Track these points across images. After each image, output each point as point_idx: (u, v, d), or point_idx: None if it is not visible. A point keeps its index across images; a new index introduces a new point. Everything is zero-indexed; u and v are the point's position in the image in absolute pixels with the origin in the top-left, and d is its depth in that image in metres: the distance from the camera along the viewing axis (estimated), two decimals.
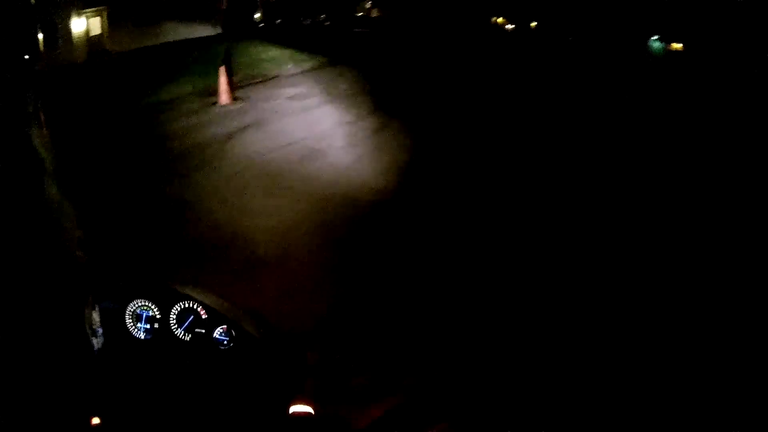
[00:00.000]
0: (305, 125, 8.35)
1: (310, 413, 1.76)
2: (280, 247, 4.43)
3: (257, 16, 19.47)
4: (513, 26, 20.35)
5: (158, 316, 2.02)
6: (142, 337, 2.04)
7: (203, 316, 1.99)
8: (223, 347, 1.99)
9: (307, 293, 3.74)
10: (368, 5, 24.05)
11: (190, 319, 2.00)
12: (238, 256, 4.29)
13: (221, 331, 1.98)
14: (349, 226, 4.83)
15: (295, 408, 1.76)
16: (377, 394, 2.25)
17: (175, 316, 2.01)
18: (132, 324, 2.04)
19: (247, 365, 1.95)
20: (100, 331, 1.89)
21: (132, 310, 2.02)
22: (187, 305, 2.00)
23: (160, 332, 2.02)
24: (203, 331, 2.00)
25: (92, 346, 1.84)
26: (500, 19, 20.71)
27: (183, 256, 4.24)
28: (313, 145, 7.34)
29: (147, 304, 2.01)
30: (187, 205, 5.34)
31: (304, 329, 2.89)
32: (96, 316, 1.87)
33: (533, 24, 19.41)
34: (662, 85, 11.55)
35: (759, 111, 8.80)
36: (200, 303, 1.99)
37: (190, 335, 2.01)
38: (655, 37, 15.71)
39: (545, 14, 18.83)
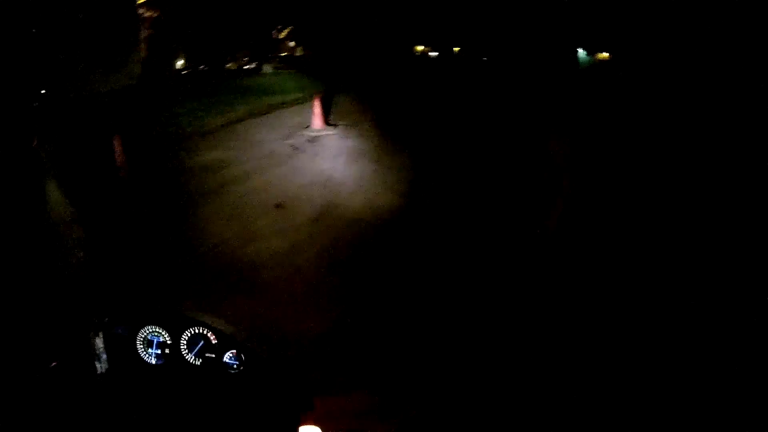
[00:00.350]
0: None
1: None
2: None
3: (180, 63, 19.14)
4: (436, 53, 21.37)
5: (169, 342, 2.04)
6: (154, 362, 2.05)
7: (213, 341, 2.02)
8: (233, 371, 2.02)
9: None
10: (292, 44, 24.12)
11: (201, 344, 2.03)
12: None
13: (231, 355, 2.02)
14: None
15: (305, 429, 1.81)
16: (384, 414, 2.30)
17: (185, 342, 2.03)
18: (143, 349, 2.05)
19: (257, 388, 1.98)
20: (104, 356, 1.90)
21: (143, 336, 2.04)
22: (197, 330, 2.02)
23: (171, 357, 2.04)
24: (213, 355, 2.02)
25: (95, 369, 1.88)
26: (422, 47, 21.67)
27: None
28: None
29: (158, 330, 2.03)
30: None
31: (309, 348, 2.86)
32: (99, 341, 1.88)
33: (456, 49, 20.45)
34: (593, 93, 12.13)
35: (689, 114, 9.11)
36: (210, 328, 2.02)
37: (200, 360, 2.03)
38: (581, 49, 16.91)
39: (468, 39, 19.76)
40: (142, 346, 2.05)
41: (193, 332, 2.02)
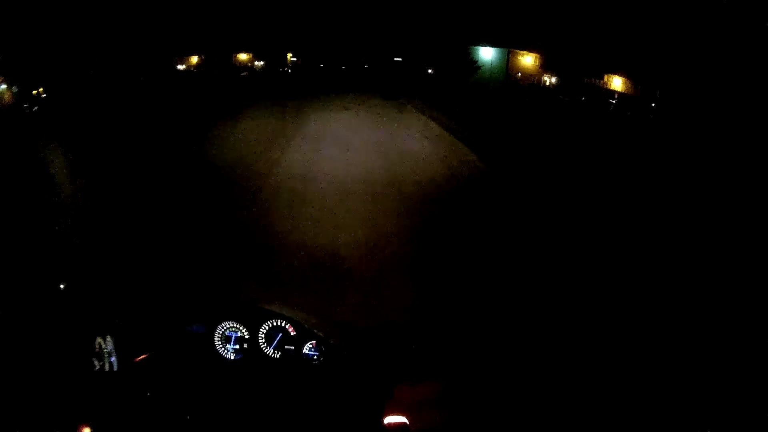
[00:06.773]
0: None
1: (405, 424, 1.73)
2: None
3: None
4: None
5: (247, 336, 1.99)
6: (232, 357, 2.00)
7: (292, 333, 1.98)
8: (313, 362, 1.98)
9: None
10: None
11: (279, 336, 1.99)
12: None
13: (310, 346, 2.00)
14: None
15: (390, 419, 1.72)
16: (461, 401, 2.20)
17: (263, 335, 1.99)
18: (221, 346, 2.00)
19: (338, 378, 1.93)
20: (113, 359, 1.91)
21: (221, 332, 1.99)
22: (275, 323, 1.98)
23: (250, 352, 1.99)
24: (293, 347, 1.99)
25: (93, 366, 1.92)
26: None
27: None
28: None
29: (235, 325, 1.98)
30: None
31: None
32: (106, 342, 1.91)
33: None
34: None
35: None
36: (288, 320, 1.98)
37: (279, 353, 2.00)
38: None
39: None
40: (220, 343, 2.02)
41: (271, 325, 1.98)
